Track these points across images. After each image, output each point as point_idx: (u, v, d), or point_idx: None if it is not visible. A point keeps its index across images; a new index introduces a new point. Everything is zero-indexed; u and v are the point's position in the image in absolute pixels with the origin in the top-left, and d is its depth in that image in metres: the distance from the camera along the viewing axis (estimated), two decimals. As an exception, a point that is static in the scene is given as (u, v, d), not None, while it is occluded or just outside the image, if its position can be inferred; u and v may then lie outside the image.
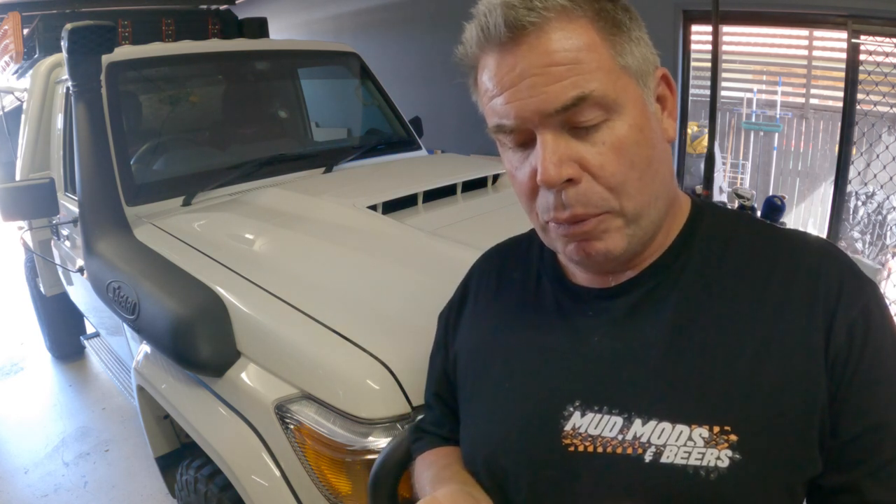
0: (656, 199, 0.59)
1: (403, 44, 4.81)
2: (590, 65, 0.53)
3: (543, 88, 0.53)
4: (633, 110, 0.56)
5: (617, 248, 0.58)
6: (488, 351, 0.70)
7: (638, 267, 0.63)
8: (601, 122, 0.54)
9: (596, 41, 0.54)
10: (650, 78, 0.59)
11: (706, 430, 0.52)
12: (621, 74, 0.55)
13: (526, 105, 0.54)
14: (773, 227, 0.63)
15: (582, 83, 0.53)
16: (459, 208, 1.72)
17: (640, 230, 0.58)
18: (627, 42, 0.56)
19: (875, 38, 2.56)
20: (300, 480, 1.01)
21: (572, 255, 0.60)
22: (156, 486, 2.19)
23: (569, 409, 0.59)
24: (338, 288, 1.20)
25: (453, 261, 1.26)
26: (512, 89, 0.55)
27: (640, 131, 0.56)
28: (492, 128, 0.60)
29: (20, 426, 2.73)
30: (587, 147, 0.55)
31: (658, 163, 0.58)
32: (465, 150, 3.68)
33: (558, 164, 0.54)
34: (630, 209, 0.57)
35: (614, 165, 0.55)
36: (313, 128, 2.78)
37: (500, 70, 0.56)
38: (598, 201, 0.56)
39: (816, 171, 3.87)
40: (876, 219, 3.22)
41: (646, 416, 0.55)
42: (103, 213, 1.55)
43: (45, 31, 2.49)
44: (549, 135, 0.55)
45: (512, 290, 0.72)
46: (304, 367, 1.02)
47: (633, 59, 0.56)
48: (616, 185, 0.55)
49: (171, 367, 1.29)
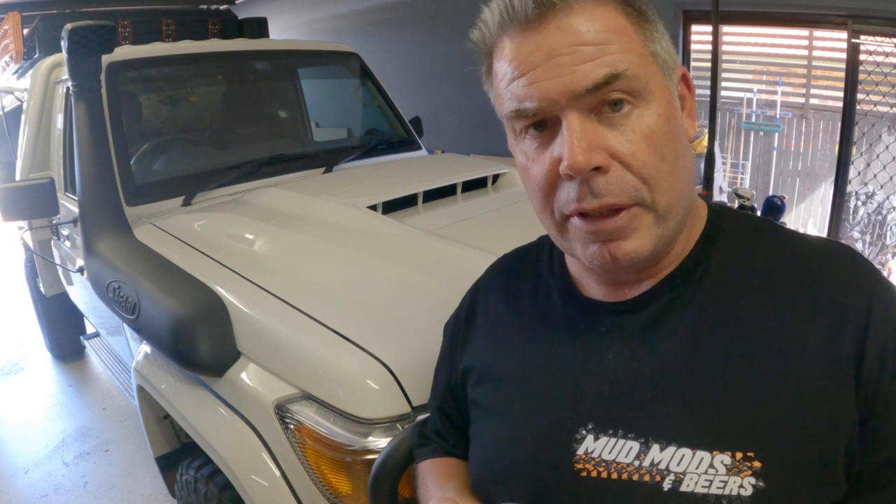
0: (683, 197, 0.55)
1: (403, 44, 4.81)
2: (620, 46, 0.51)
3: (572, 67, 0.50)
4: (661, 100, 0.53)
5: (645, 249, 0.54)
6: (498, 369, 0.67)
7: (655, 277, 0.59)
8: (630, 108, 0.51)
9: (626, 25, 0.52)
10: (674, 74, 0.56)
11: (728, 457, 0.49)
12: (650, 61, 0.53)
13: (552, 85, 0.51)
14: (797, 235, 0.59)
15: (614, 62, 0.50)
16: (459, 208, 1.72)
17: (667, 230, 0.54)
18: (654, 32, 0.54)
19: (875, 38, 2.56)
20: (300, 480, 1.01)
21: (594, 259, 0.55)
22: (156, 486, 2.19)
23: (581, 433, 0.56)
24: (338, 288, 1.20)
25: (453, 261, 1.26)
26: (537, 69, 0.51)
27: (668, 122, 0.53)
28: (509, 113, 0.55)
29: (20, 426, 2.72)
30: (616, 134, 0.51)
31: (685, 159, 0.55)
32: (465, 150, 3.69)
33: (587, 149, 0.50)
34: (662, 204, 0.53)
35: (645, 154, 0.51)
36: (313, 128, 2.78)
37: (523, 50, 0.52)
38: (631, 190, 0.52)
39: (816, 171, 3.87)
40: (876, 219, 3.22)
41: (664, 442, 0.51)
42: (103, 213, 1.55)
43: (45, 31, 2.49)
44: (576, 118, 0.51)
45: (521, 305, 0.69)
46: (304, 367, 1.02)
47: (661, 49, 0.54)
48: (648, 175, 0.51)
49: (171, 367, 1.29)
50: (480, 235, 1.43)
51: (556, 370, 0.61)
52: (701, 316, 0.55)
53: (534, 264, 0.72)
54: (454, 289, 1.13)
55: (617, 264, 0.55)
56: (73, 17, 2.51)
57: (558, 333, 0.63)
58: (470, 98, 4.34)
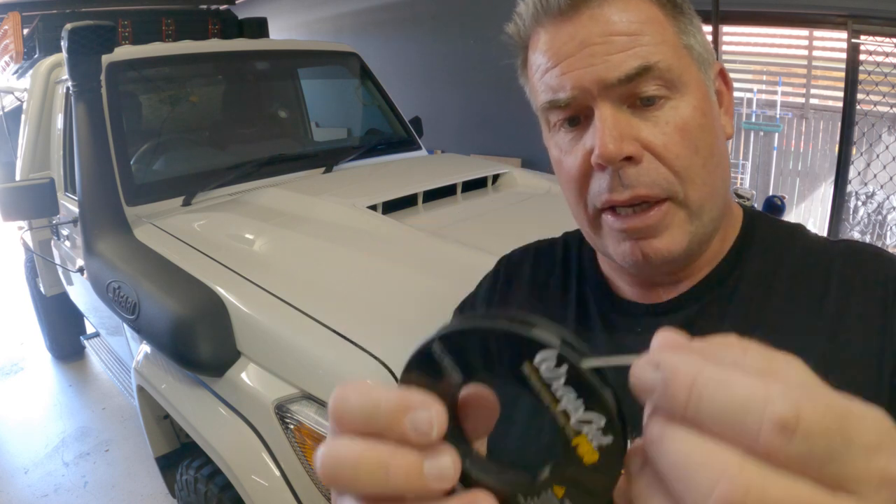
0: (717, 194, 0.54)
1: (403, 44, 4.81)
2: (654, 37, 0.50)
3: (604, 57, 0.50)
4: (696, 92, 0.52)
5: (678, 246, 0.53)
6: None
7: (691, 279, 0.58)
8: (663, 100, 0.51)
9: (660, 17, 0.52)
10: (710, 69, 0.55)
11: None
12: (685, 54, 0.52)
13: (585, 74, 0.50)
14: (824, 239, 0.58)
15: (646, 54, 0.50)
16: (459, 208, 1.72)
17: (701, 227, 0.53)
18: (690, 25, 0.54)
19: (875, 38, 2.56)
20: (300, 480, 1.01)
21: (625, 257, 0.54)
22: (156, 486, 2.19)
23: None
24: (338, 288, 1.20)
25: (453, 261, 1.26)
26: (569, 59, 0.51)
27: (704, 115, 0.52)
28: (543, 105, 0.54)
29: (20, 426, 2.72)
30: (649, 126, 0.51)
31: (719, 155, 0.54)
32: (465, 150, 3.68)
33: (619, 138, 0.49)
34: (694, 199, 0.52)
35: (679, 147, 0.51)
36: (313, 128, 2.78)
37: (556, 41, 0.52)
38: (663, 182, 0.51)
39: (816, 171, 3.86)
40: (876, 219, 3.22)
41: None
42: (103, 213, 1.55)
43: (45, 31, 2.49)
44: (607, 108, 0.50)
45: (550, 299, 0.66)
46: (304, 367, 1.02)
47: (696, 43, 0.53)
48: (681, 168, 0.51)
49: (171, 367, 1.29)
50: (480, 235, 1.43)
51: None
52: (737, 318, 0.54)
53: (562, 260, 0.69)
54: (454, 288, 1.14)
55: (649, 262, 0.54)
56: (73, 17, 2.51)
57: (592, 330, 0.61)
58: (470, 98, 4.35)
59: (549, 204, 1.73)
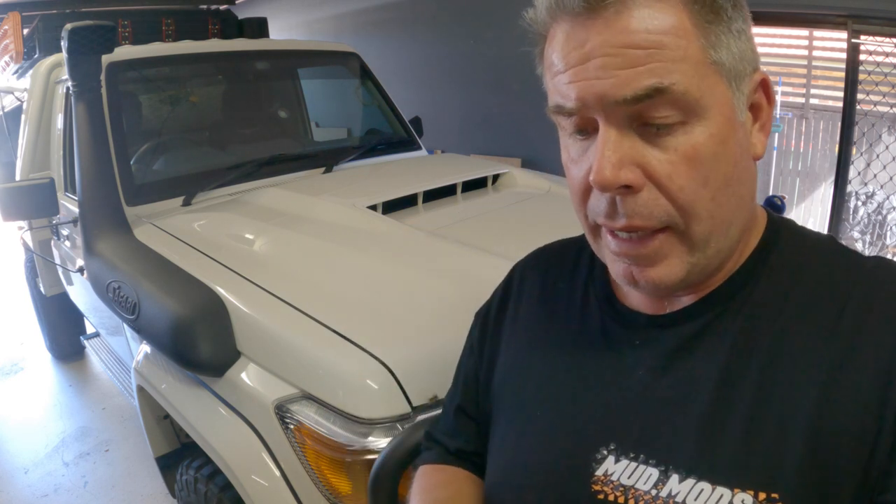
0: (729, 225, 0.50)
1: (404, 44, 4.81)
2: (674, 52, 0.45)
3: (614, 71, 0.45)
4: (717, 117, 0.47)
5: (672, 278, 0.50)
6: (524, 369, 0.63)
7: (699, 292, 0.54)
8: (676, 124, 0.46)
9: (686, 27, 0.45)
10: (745, 81, 0.49)
11: (750, 497, 0.45)
12: (710, 71, 0.46)
13: (590, 87, 0.46)
14: (853, 257, 0.53)
15: (661, 72, 0.44)
16: (459, 208, 1.72)
17: (703, 259, 0.50)
18: (725, 34, 0.47)
19: (875, 38, 2.56)
20: (300, 480, 1.01)
21: (618, 277, 0.53)
22: (156, 486, 2.19)
23: (602, 453, 0.53)
24: (338, 288, 1.20)
25: (453, 261, 1.26)
26: (577, 67, 0.47)
27: (721, 143, 0.47)
28: (551, 107, 0.51)
29: (20, 426, 2.72)
30: (656, 152, 0.47)
31: (737, 183, 0.49)
32: (465, 150, 3.69)
33: (617, 165, 0.46)
34: (697, 234, 0.48)
35: (684, 178, 0.46)
36: (313, 128, 2.78)
37: (567, 45, 0.48)
38: (662, 215, 0.48)
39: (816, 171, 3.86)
40: (876, 219, 3.22)
41: (684, 473, 0.48)
42: (103, 213, 1.55)
43: (45, 31, 2.49)
44: (612, 130, 0.47)
45: (556, 304, 0.65)
46: (304, 367, 1.02)
47: (729, 56, 0.47)
48: (685, 202, 0.47)
49: (171, 367, 1.29)
50: (480, 235, 1.43)
51: (585, 380, 0.58)
52: (738, 340, 0.51)
53: (573, 263, 0.68)
54: (454, 288, 1.14)
55: (641, 289, 0.52)
56: (73, 17, 2.51)
57: (591, 341, 0.60)
58: (470, 98, 4.34)
59: (549, 204, 1.73)
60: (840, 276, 0.51)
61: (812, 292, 0.51)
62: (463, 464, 0.72)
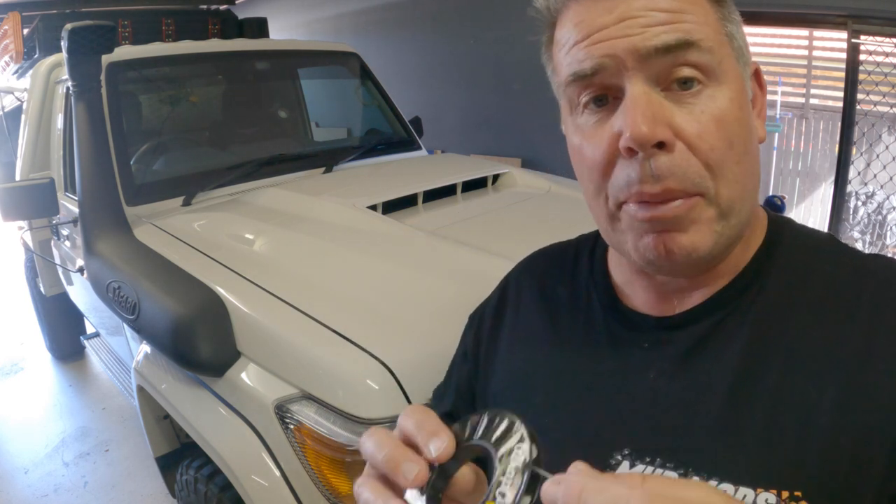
0: (748, 195, 0.50)
1: (404, 44, 4.81)
2: (697, 17, 0.47)
3: (643, 28, 0.46)
4: (735, 84, 0.48)
5: (704, 245, 0.48)
6: (528, 377, 0.62)
7: (708, 289, 0.54)
8: (701, 87, 0.47)
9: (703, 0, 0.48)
10: (747, 66, 0.52)
11: (773, 496, 0.44)
12: (726, 42, 0.49)
13: (619, 43, 0.46)
14: (860, 255, 0.54)
15: (689, 30, 0.46)
16: (459, 208, 1.72)
17: (728, 229, 0.49)
18: (733, 14, 0.51)
19: (875, 38, 2.56)
20: (300, 480, 1.01)
21: (647, 251, 0.50)
22: (156, 486, 2.19)
23: (616, 458, 0.51)
24: (338, 288, 1.20)
25: (453, 261, 1.26)
26: (605, 30, 0.47)
27: (740, 108, 0.48)
28: (565, 79, 0.50)
29: (20, 426, 2.73)
30: (683, 112, 0.46)
31: (753, 155, 0.50)
32: (465, 150, 3.68)
33: (653, 119, 0.45)
34: (725, 198, 0.48)
35: (714, 138, 0.46)
36: (313, 128, 2.78)
37: (591, 12, 0.48)
38: (695, 177, 0.47)
39: (816, 171, 3.86)
40: (876, 219, 3.21)
41: (704, 475, 0.47)
42: (103, 213, 1.55)
43: (45, 31, 2.49)
44: (641, 85, 0.46)
45: (557, 310, 0.63)
46: (304, 367, 1.02)
47: (738, 35, 0.50)
48: (715, 162, 0.47)
49: (171, 367, 1.29)
50: (480, 235, 1.43)
51: (592, 385, 0.56)
52: (753, 338, 0.50)
53: (571, 266, 0.66)
54: (454, 289, 1.14)
55: (672, 259, 0.49)
56: (73, 17, 2.51)
57: (597, 346, 0.58)
58: (470, 98, 4.34)
59: (549, 204, 1.73)
60: (847, 275, 0.51)
61: (822, 292, 0.51)
62: None
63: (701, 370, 0.51)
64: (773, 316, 0.51)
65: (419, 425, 0.39)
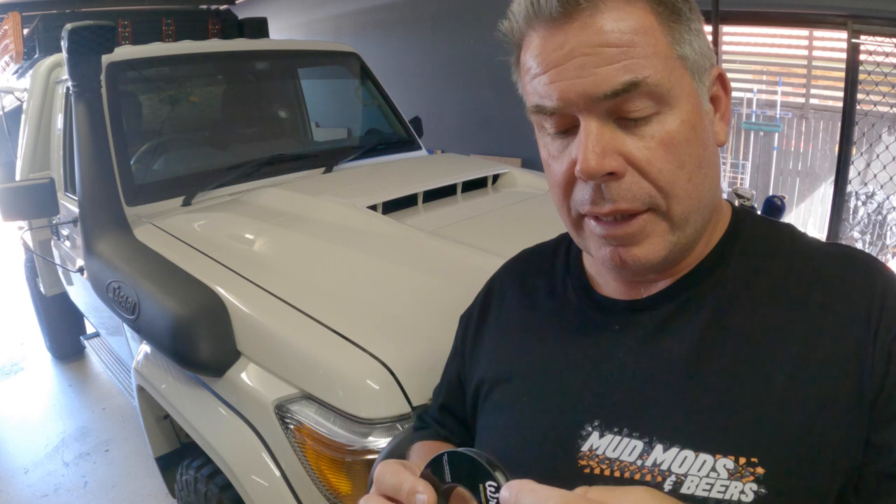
0: (703, 205, 0.54)
1: (404, 44, 4.81)
2: (645, 49, 0.49)
3: (593, 70, 0.49)
4: (686, 105, 0.52)
5: (656, 255, 0.54)
6: (510, 367, 0.67)
7: (672, 276, 0.59)
8: (651, 114, 0.50)
9: (654, 25, 0.50)
10: (706, 75, 0.54)
11: (731, 461, 0.48)
12: (677, 65, 0.51)
13: (572, 86, 0.50)
14: (815, 242, 0.59)
15: (635, 68, 0.49)
16: (459, 208, 1.72)
17: (683, 237, 0.54)
18: (686, 32, 0.52)
19: (875, 38, 2.56)
20: (300, 480, 1.01)
21: (605, 261, 0.56)
22: (156, 486, 2.19)
23: (587, 429, 0.56)
24: (338, 288, 1.20)
25: (453, 261, 1.26)
26: (558, 68, 0.51)
27: (691, 128, 0.52)
28: (531, 108, 0.55)
29: (20, 426, 2.72)
30: (634, 140, 0.51)
31: (708, 166, 0.54)
32: (465, 150, 3.69)
33: (601, 154, 0.50)
34: (677, 213, 0.52)
35: (662, 162, 0.51)
36: (313, 128, 2.78)
37: (546, 48, 0.52)
38: (644, 197, 0.51)
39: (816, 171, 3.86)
40: (876, 219, 3.21)
41: (667, 443, 0.51)
42: (103, 213, 1.55)
43: (45, 31, 2.49)
44: (593, 122, 0.50)
45: (536, 301, 0.69)
46: (304, 367, 1.02)
47: (691, 51, 0.52)
48: (664, 184, 0.51)
49: (171, 367, 1.29)
50: (480, 235, 1.43)
51: (567, 366, 0.61)
52: (713, 318, 0.55)
53: (550, 261, 0.72)
54: (454, 289, 1.14)
55: (627, 269, 0.55)
56: (73, 17, 2.52)
57: (571, 331, 0.63)
58: (470, 98, 4.34)
59: (549, 204, 1.72)
60: (804, 261, 0.56)
61: (778, 275, 0.56)
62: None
63: (664, 347, 0.56)
64: (733, 298, 0.56)
65: (397, 486, 0.45)
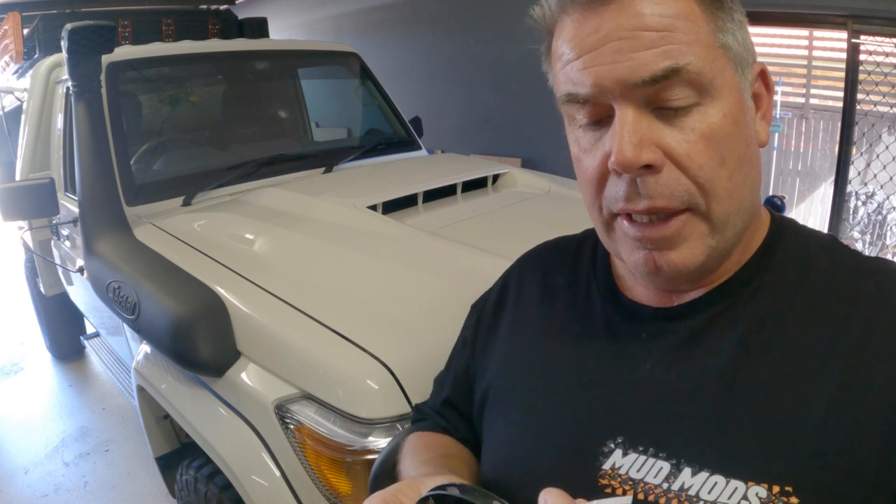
0: (743, 207, 0.50)
1: (404, 44, 4.81)
2: (687, 35, 0.46)
3: (630, 54, 0.46)
4: (729, 98, 0.48)
5: (694, 261, 0.50)
6: (524, 362, 0.62)
7: (707, 285, 0.54)
8: (692, 105, 0.47)
9: (696, 11, 0.47)
10: (749, 69, 0.51)
11: (764, 490, 0.44)
12: (720, 54, 0.48)
13: (607, 72, 0.47)
14: (859, 256, 0.54)
15: (676, 54, 0.45)
16: (459, 208, 1.72)
17: (722, 242, 0.50)
18: (730, 21, 0.49)
19: (875, 38, 2.56)
20: (300, 480, 1.01)
21: (638, 266, 0.52)
22: (156, 486, 2.19)
23: (609, 446, 0.52)
24: (338, 288, 1.20)
25: (453, 261, 1.26)
26: (592, 53, 0.47)
27: (734, 123, 0.48)
28: (562, 97, 0.51)
29: (20, 426, 2.72)
30: (673, 132, 0.47)
31: (749, 165, 0.50)
32: (465, 150, 3.69)
33: (638, 144, 0.46)
34: (717, 213, 0.48)
35: (703, 157, 0.47)
36: (313, 128, 2.78)
37: (580, 32, 0.49)
38: (683, 194, 0.47)
39: (816, 171, 3.86)
40: (876, 219, 3.21)
41: (696, 466, 0.47)
42: (103, 213, 1.55)
43: (45, 31, 2.49)
44: (629, 110, 0.47)
45: (556, 299, 0.64)
46: (304, 367, 1.02)
47: (734, 42, 0.49)
48: (704, 180, 0.47)
49: (171, 367, 1.29)
50: (480, 235, 1.43)
51: (589, 374, 0.57)
52: (749, 333, 0.51)
53: (574, 257, 0.67)
54: (454, 289, 1.14)
55: (661, 275, 0.51)
56: (73, 17, 2.52)
57: (594, 335, 0.59)
58: (470, 98, 4.34)
59: (549, 204, 1.73)
60: (845, 275, 0.52)
61: (820, 291, 0.51)
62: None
63: (697, 361, 0.52)
64: (770, 312, 0.51)
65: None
